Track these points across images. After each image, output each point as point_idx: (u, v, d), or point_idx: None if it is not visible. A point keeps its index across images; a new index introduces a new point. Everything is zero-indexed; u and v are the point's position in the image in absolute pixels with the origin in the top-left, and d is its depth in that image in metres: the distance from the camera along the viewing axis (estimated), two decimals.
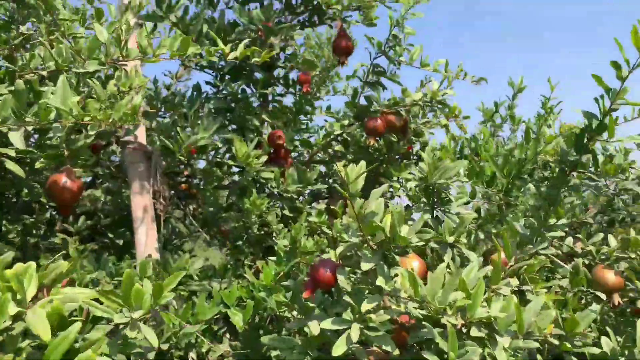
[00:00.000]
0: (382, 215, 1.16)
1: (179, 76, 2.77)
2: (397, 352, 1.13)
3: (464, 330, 1.10)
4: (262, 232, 2.41)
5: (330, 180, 2.81)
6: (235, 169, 2.56)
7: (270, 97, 2.75)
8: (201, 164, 2.82)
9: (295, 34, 2.23)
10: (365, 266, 1.13)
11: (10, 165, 1.55)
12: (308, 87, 2.43)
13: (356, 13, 2.30)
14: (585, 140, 1.32)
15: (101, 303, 1.19)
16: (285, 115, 2.65)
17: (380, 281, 1.09)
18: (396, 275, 1.11)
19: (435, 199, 1.52)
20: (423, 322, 1.17)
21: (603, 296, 1.65)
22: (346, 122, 2.38)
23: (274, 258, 1.69)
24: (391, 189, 2.65)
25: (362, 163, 1.13)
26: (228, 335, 1.88)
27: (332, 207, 2.67)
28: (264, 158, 2.26)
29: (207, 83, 2.64)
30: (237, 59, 1.62)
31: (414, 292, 1.06)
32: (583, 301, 1.74)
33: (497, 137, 3.29)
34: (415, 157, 3.01)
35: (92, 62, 1.59)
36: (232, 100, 2.44)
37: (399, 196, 2.82)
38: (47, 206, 2.59)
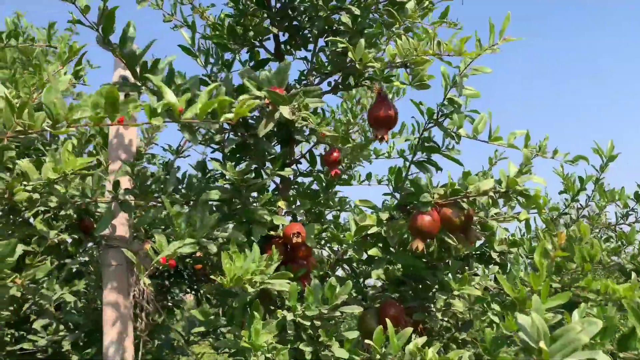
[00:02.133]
0: None
1: (181, 151, 2.25)
2: None
3: None
4: None
5: (369, 288, 2.15)
6: None
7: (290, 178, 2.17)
8: None
9: (314, 101, 1.66)
10: None
11: None
12: (337, 169, 1.83)
13: (402, 71, 1.70)
14: None
15: None
16: (307, 201, 2.05)
17: None
18: None
19: None
20: None
21: None
22: (385, 215, 1.75)
23: None
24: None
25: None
26: None
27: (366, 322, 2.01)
28: (274, 266, 1.65)
29: (214, 161, 2.09)
30: (197, 117, 1.03)
31: None
32: None
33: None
34: (476, 254, 2.32)
35: None
36: (238, 186, 1.86)
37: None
38: None
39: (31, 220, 2.27)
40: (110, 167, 2.01)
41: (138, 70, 1.52)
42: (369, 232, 1.70)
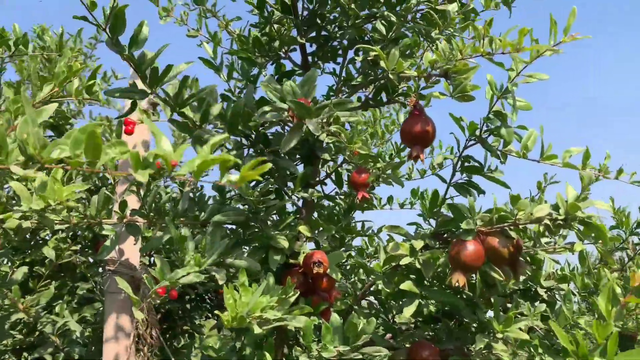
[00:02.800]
0: None
1: None
2: None
3: None
4: None
5: (399, 325, 1.92)
6: None
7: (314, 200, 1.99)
8: None
9: (346, 115, 1.48)
10: None
11: None
12: (365, 192, 1.64)
13: (442, 82, 1.49)
14: None
15: None
16: (332, 227, 1.86)
17: None
18: None
19: None
20: None
21: None
22: (420, 243, 1.53)
23: None
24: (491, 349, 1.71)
25: None
26: None
27: None
28: (291, 299, 1.46)
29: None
30: (193, 175, 0.78)
31: None
32: None
33: None
34: (521, 290, 2.07)
35: None
36: (255, 207, 1.68)
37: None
38: None
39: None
40: (118, 185, 1.88)
41: (148, 75, 1.38)
42: (401, 262, 1.49)
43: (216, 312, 1.28)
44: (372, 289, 1.84)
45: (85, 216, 1.65)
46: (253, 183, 1.87)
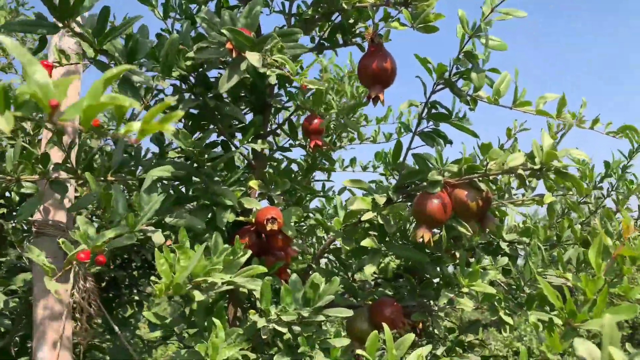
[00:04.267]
0: None
1: (134, 119, 1.87)
2: None
3: None
4: None
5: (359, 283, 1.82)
6: None
7: (267, 153, 1.82)
8: None
9: (292, 46, 1.29)
10: None
11: None
12: (319, 139, 1.48)
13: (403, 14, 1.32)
14: None
15: None
16: (287, 181, 1.70)
17: None
18: None
19: None
20: None
21: None
22: (383, 197, 1.40)
23: None
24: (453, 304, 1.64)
25: None
26: None
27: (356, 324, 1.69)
28: (242, 259, 1.31)
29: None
30: (81, 123, 0.53)
31: None
32: None
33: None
34: (483, 244, 2.00)
35: None
36: (197, 160, 1.50)
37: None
38: None
39: None
40: (44, 137, 1.64)
41: (57, 4, 1.14)
42: (363, 218, 1.36)
43: (152, 278, 1.12)
44: (331, 247, 1.72)
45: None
46: (199, 134, 1.68)
